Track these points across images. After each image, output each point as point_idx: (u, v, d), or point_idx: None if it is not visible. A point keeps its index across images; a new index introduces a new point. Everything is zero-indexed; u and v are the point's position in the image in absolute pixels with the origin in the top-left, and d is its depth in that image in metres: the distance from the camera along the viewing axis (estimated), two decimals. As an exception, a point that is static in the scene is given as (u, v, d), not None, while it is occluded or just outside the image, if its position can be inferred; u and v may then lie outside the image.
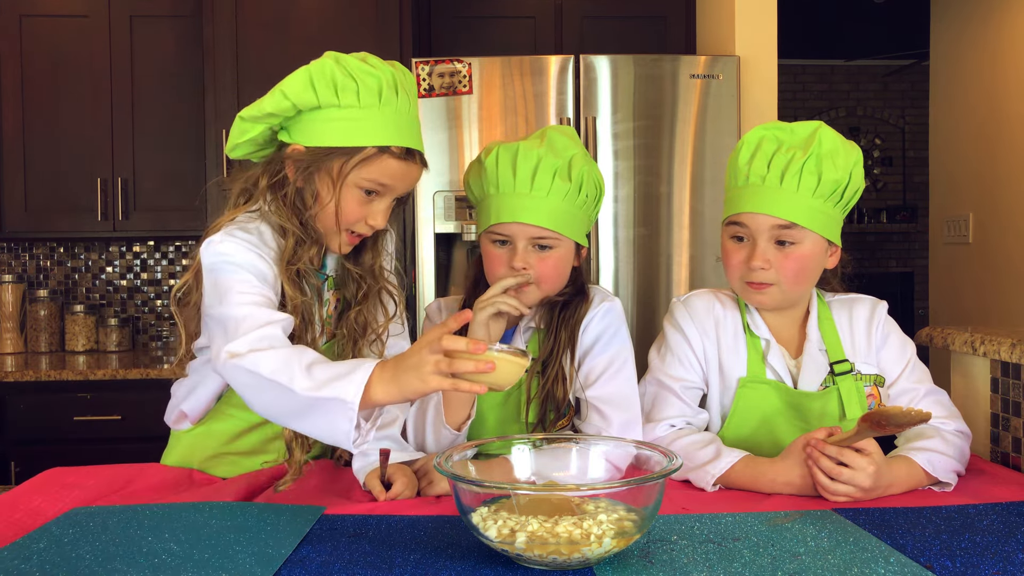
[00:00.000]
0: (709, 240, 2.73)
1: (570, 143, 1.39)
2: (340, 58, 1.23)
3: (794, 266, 1.35)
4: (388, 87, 1.23)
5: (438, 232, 2.71)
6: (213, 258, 1.21)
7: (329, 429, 1.07)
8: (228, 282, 1.19)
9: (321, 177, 1.24)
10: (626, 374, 1.41)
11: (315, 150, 1.23)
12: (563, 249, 1.38)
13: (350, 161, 1.22)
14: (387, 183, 1.26)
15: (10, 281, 3.14)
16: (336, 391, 1.04)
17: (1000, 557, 0.97)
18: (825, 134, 1.34)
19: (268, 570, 0.93)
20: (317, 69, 1.22)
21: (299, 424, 1.11)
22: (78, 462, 1.38)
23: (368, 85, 1.21)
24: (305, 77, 1.21)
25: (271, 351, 1.11)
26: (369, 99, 1.22)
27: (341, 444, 1.07)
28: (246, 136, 1.27)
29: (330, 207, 1.25)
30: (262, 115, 1.24)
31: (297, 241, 1.25)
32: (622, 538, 0.92)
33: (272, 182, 1.27)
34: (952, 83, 3.58)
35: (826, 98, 6.76)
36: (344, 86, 1.21)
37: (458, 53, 2.91)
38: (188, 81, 2.98)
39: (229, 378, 1.14)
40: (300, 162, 1.24)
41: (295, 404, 1.07)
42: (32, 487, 1.24)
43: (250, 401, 1.14)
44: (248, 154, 1.33)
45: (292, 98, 1.21)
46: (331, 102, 1.21)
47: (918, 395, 1.39)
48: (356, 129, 1.22)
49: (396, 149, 1.24)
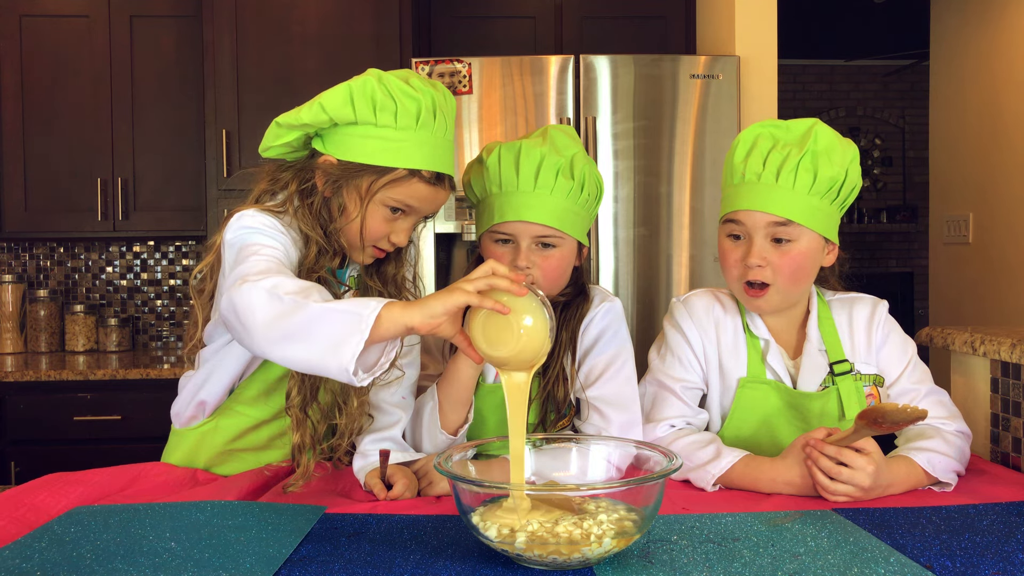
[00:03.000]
0: (709, 240, 2.73)
1: (571, 142, 1.39)
2: (383, 77, 1.23)
3: (791, 264, 1.35)
4: (427, 111, 1.23)
5: (438, 232, 2.71)
6: (238, 232, 1.21)
7: (334, 346, 0.99)
8: (250, 247, 1.18)
9: (349, 191, 1.25)
10: (626, 374, 1.41)
11: (347, 164, 1.23)
12: (566, 248, 1.38)
13: (380, 180, 1.23)
14: (414, 205, 1.26)
15: (10, 281, 3.14)
16: (352, 306, 1.01)
17: (1000, 557, 0.97)
18: (821, 131, 1.34)
19: (268, 569, 0.93)
20: (359, 86, 1.22)
21: (302, 345, 1.02)
22: (78, 462, 1.39)
23: (407, 107, 1.21)
24: (346, 93, 1.21)
25: (289, 278, 1.08)
26: (406, 121, 1.22)
27: (343, 364, 0.99)
28: (280, 140, 1.28)
29: (356, 222, 1.25)
30: (299, 124, 1.24)
31: (320, 251, 1.26)
32: (622, 538, 0.93)
33: (301, 188, 1.27)
34: (952, 83, 3.59)
35: (826, 98, 6.76)
36: (383, 106, 1.21)
37: (458, 53, 2.92)
38: (188, 81, 2.98)
39: (237, 300, 1.07)
40: (330, 174, 1.25)
41: (303, 317, 1.02)
42: (35, 485, 1.24)
43: (252, 320, 1.05)
44: (280, 155, 1.33)
45: (330, 112, 1.21)
46: (368, 120, 1.21)
47: (919, 395, 1.39)
48: (390, 150, 1.22)
49: (427, 173, 1.24)
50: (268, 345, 1.06)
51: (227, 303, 1.09)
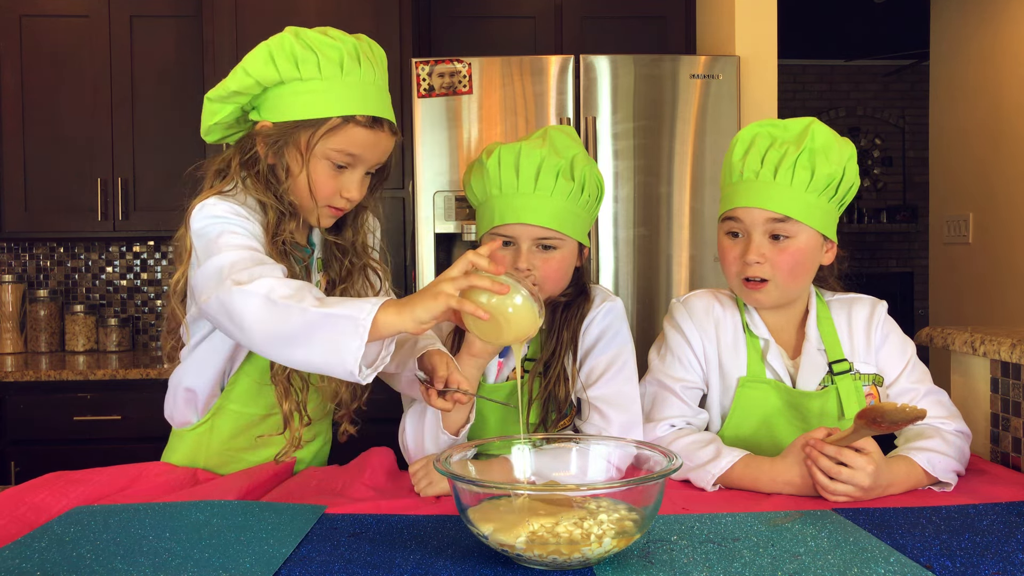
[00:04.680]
0: (709, 240, 2.73)
1: (571, 143, 1.39)
2: (299, 32, 1.25)
3: (789, 260, 1.35)
4: (350, 57, 1.24)
5: (438, 232, 2.71)
6: (204, 221, 1.22)
7: (336, 350, 1.03)
8: (220, 237, 1.19)
9: (290, 151, 1.26)
10: (627, 374, 1.41)
11: (282, 125, 1.25)
12: (566, 249, 1.38)
13: (316, 132, 1.24)
14: (356, 152, 1.26)
15: (10, 281, 3.14)
16: (348, 310, 1.03)
17: (1000, 557, 0.97)
18: (818, 129, 1.35)
19: (268, 569, 0.93)
20: (276, 44, 1.23)
21: (304, 348, 1.05)
22: (78, 462, 1.39)
23: (328, 56, 1.22)
24: (265, 52, 1.23)
25: (279, 280, 1.09)
26: (330, 70, 1.23)
27: (348, 368, 1.03)
28: (216, 118, 1.29)
29: (302, 180, 1.26)
30: (228, 94, 1.26)
31: (278, 214, 1.27)
32: (622, 538, 0.93)
33: (244, 159, 1.29)
34: (952, 83, 3.59)
35: (826, 98, 6.76)
36: (304, 58, 1.22)
37: (458, 53, 2.91)
38: (188, 81, 2.98)
39: (230, 305, 1.08)
40: (269, 137, 1.26)
41: (302, 322, 1.04)
42: (36, 484, 1.24)
43: (250, 326, 1.07)
44: (223, 137, 1.35)
45: (254, 74, 1.23)
46: (293, 76, 1.22)
47: (918, 395, 1.39)
48: (319, 101, 1.23)
49: (362, 118, 1.25)
50: (269, 348, 1.09)
51: (218, 305, 1.10)
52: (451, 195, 2.70)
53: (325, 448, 1.54)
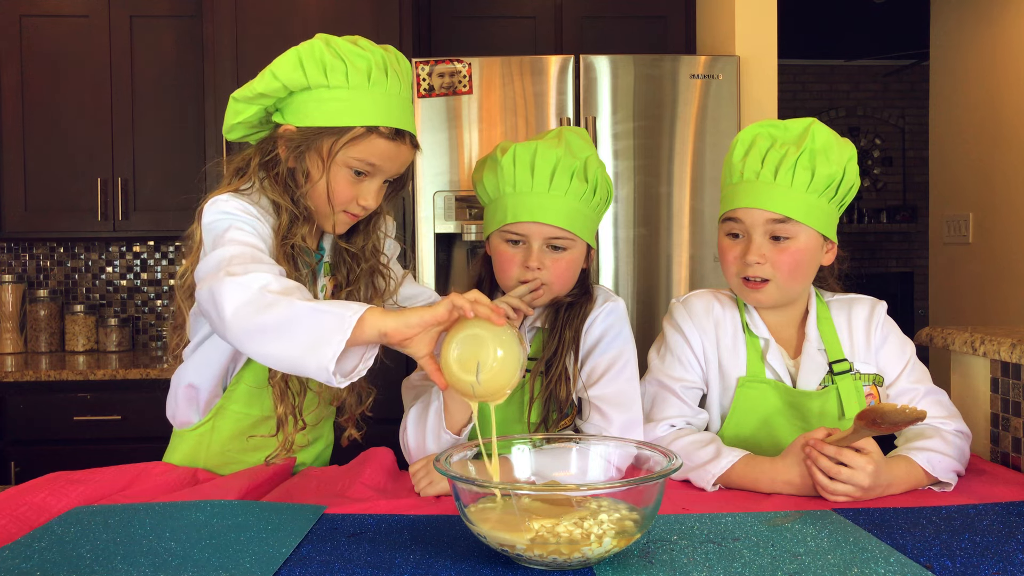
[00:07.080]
0: (709, 240, 2.73)
1: (585, 144, 1.40)
2: (330, 40, 1.25)
3: (789, 261, 1.36)
4: (378, 68, 1.24)
5: (438, 232, 2.71)
6: (215, 216, 1.22)
7: (315, 345, 1.01)
8: (227, 231, 1.20)
9: (311, 156, 1.26)
10: (628, 374, 1.41)
11: (305, 130, 1.25)
12: (576, 251, 1.39)
13: (339, 141, 1.24)
14: (376, 163, 1.27)
15: (10, 281, 3.14)
16: (335, 307, 1.04)
17: (1000, 557, 0.97)
18: (818, 130, 1.36)
19: (268, 569, 0.93)
20: (307, 50, 1.24)
21: (281, 342, 1.04)
22: (78, 462, 1.39)
23: (357, 66, 1.23)
24: (294, 58, 1.23)
25: (275, 277, 1.10)
26: (358, 80, 1.23)
27: (323, 363, 1.01)
28: (239, 117, 1.30)
29: (320, 186, 1.26)
30: (254, 95, 1.26)
31: (291, 217, 1.27)
32: (622, 538, 0.93)
33: (264, 160, 1.29)
34: (952, 83, 3.59)
35: (826, 98, 6.76)
36: (333, 67, 1.22)
37: (458, 53, 2.91)
38: (188, 81, 2.98)
39: (218, 294, 1.07)
40: (291, 141, 1.26)
41: (288, 314, 1.03)
42: (36, 484, 1.24)
43: (230, 315, 1.06)
44: (244, 136, 1.35)
45: (282, 78, 1.23)
46: (320, 82, 1.23)
47: (918, 395, 1.39)
48: (345, 109, 1.24)
49: (385, 129, 1.25)
50: (244, 339, 1.07)
51: (207, 293, 1.10)
52: (451, 195, 2.70)
53: (327, 450, 1.54)
